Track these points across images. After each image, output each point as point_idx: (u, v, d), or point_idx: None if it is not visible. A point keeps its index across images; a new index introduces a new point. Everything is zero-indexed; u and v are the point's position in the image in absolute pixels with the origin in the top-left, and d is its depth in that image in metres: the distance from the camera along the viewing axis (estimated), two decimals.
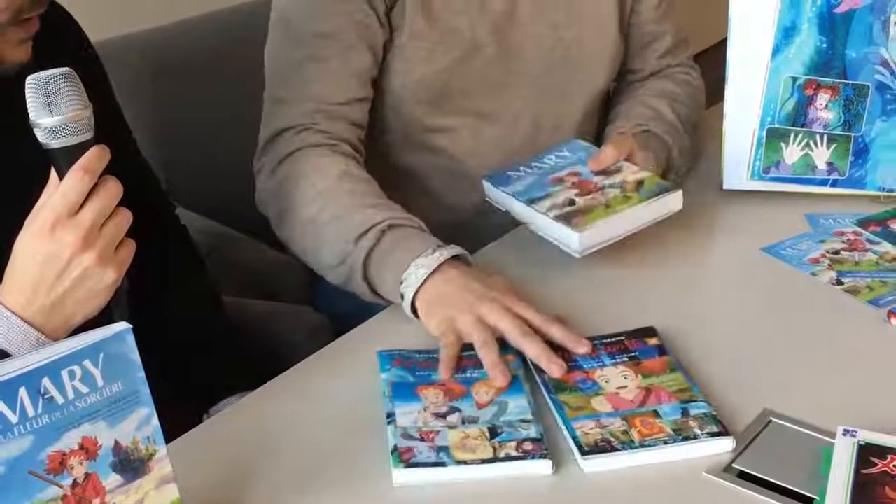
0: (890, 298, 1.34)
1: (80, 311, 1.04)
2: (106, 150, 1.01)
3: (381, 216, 1.35)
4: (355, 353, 1.28)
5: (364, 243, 1.33)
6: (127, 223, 1.03)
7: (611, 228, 1.36)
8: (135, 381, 0.92)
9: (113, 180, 1.02)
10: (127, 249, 1.03)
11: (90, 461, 0.90)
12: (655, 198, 1.38)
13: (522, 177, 1.47)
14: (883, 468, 1.04)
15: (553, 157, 1.50)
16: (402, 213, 1.38)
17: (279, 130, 1.48)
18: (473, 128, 1.58)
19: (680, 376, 1.18)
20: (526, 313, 1.24)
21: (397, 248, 1.32)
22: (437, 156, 1.58)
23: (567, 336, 1.23)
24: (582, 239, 1.34)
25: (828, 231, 1.50)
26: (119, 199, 1.02)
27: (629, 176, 1.43)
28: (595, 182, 1.42)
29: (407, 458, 1.07)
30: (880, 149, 1.54)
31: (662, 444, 1.09)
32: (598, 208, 1.37)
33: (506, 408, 1.14)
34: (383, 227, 1.34)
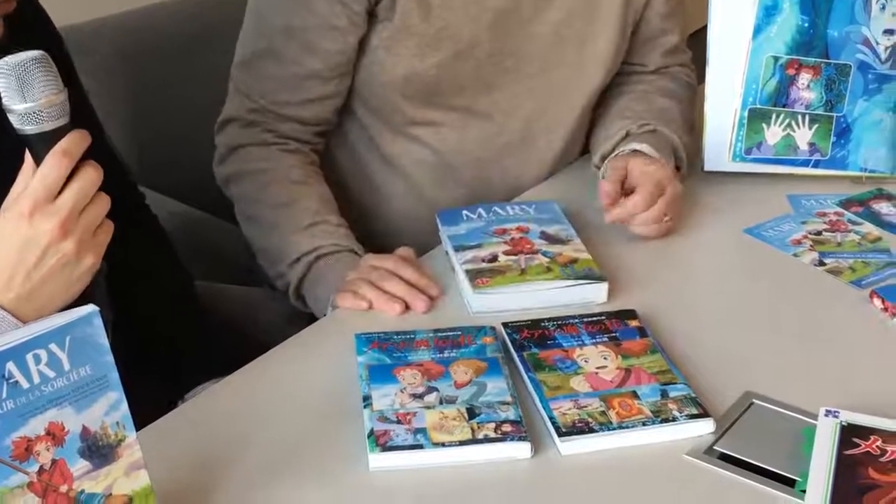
0: (872, 279, 1.33)
1: (58, 298, 1.01)
2: (85, 135, 0.99)
3: (310, 245, 1.41)
4: (332, 337, 1.26)
5: (295, 273, 1.41)
6: (106, 208, 1.00)
7: (512, 299, 1.28)
8: (103, 366, 0.90)
9: (92, 164, 0.99)
10: (105, 233, 1.01)
11: (57, 447, 0.87)
12: (575, 282, 1.29)
13: (472, 220, 1.43)
14: (866, 449, 1.03)
15: (517, 208, 1.45)
16: (331, 233, 1.42)
17: (230, 118, 1.52)
18: (460, 124, 1.54)
19: (660, 358, 1.17)
20: (386, 265, 1.33)
21: (321, 282, 1.39)
22: (421, 148, 1.55)
23: (418, 279, 1.31)
24: (475, 301, 1.28)
25: (810, 212, 1.49)
26: (98, 185, 0.99)
27: (568, 251, 1.34)
28: (534, 244, 1.36)
29: (383, 441, 1.05)
30: (862, 129, 1.53)
31: (641, 425, 1.07)
32: (511, 274, 1.30)
33: (484, 388, 1.13)
34: (310, 259, 1.40)
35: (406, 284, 1.31)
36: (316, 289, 1.40)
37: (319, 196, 1.48)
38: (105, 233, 1.02)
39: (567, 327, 1.22)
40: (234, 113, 1.52)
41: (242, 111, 1.51)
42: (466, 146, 1.55)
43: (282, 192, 1.46)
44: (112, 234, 1.04)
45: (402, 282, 1.31)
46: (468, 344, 1.20)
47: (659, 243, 1.43)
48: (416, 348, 1.19)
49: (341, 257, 1.40)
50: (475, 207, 1.45)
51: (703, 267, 1.41)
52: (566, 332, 1.22)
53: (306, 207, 1.45)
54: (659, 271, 1.38)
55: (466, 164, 1.56)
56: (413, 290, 1.30)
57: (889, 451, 1.02)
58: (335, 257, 1.41)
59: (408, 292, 1.30)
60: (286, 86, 1.48)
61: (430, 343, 1.20)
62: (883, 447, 1.03)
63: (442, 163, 1.56)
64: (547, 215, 1.43)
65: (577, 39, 1.54)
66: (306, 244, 1.41)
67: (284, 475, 1.04)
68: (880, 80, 1.52)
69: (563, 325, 1.23)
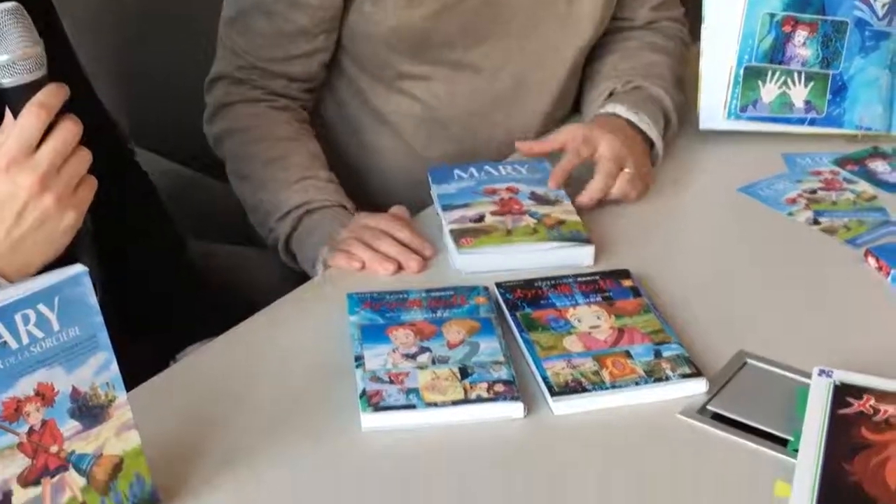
0: (867, 238, 1.33)
1: (39, 255, 1.00)
2: (63, 87, 0.98)
3: (299, 199, 1.40)
4: (325, 297, 1.25)
5: (284, 227, 1.41)
6: (86, 163, 0.99)
7: (497, 259, 1.27)
8: (92, 326, 0.89)
9: (71, 118, 0.98)
10: (87, 189, 1.00)
11: (47, 407, 0.87)
12: (561, 244, 1.28)
13: (463, 179, 1.41)
14: (859, 408, 1.02)
15: (509, 167, 1.44)
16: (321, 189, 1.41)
17: (219, 76, 1.52)
18: (449, 78, 1.52)
19: (653, 318, 1.16)
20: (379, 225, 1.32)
21: (310, 236, 1.39)
22: (411, 103, 1.54)
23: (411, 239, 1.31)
24: (459, 260, 1.28)
25: (805, 171, 1.48)
26: (78, 139, 0.98)
27: (556, 212, 1.33)
28: (522, 205, 1.35)
29: (375, 401, 1.05)
30: (858, 87, 1.52)
31: (634, 385, 1.07)
32: (497, 234, 1.29)
33: (477, 349, 1.12)
34: (300, 213, 1.40)
35: (399, 244, 1.30)
36: (305, 243, 1.40)
37: (309, 152, 1.48)
38: (87, 188, 1.00)
39: (560, 287, 1.22)
40: (222, 71, 1.51)
41: (231, 69, 1.50)
42: (456, 100, 1.54)
43: (271, 148, 1.46)
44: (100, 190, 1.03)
45: (395, 242, 1.30)
46: (461, 304, 1.19)
47: (653, 203, 1.42)
48: (408, 308, 1.19)
49: (330, 212, 1.40)
50: (467, 166, 1.43)
51: (697, 226, 1.40)
52: (559, 291, 1.21)
53: (296, 163, 1.45)
54: (653, 231, 1.37)
55: (457, 118, 1.55)
56: (406, 251, 1.30)
57: (882, 410, 1.02)
58: (324, 212, 1.40)
59: (401, 252, 1.29)
60: (273, 42, 1.47)
61: (422, 303, 1.19)
62: (876, 406, 1.02)
63: (432, 117, 1.55)
64: (539, 175, 1.41)
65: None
66: (295, 199, 1.41)
67: (276, 435, 1.03)
68: (877, 37, 1.50)
69: (557, 285, 1.22)
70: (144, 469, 0.93)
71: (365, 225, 1.33)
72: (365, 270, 1.28)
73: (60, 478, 0.88)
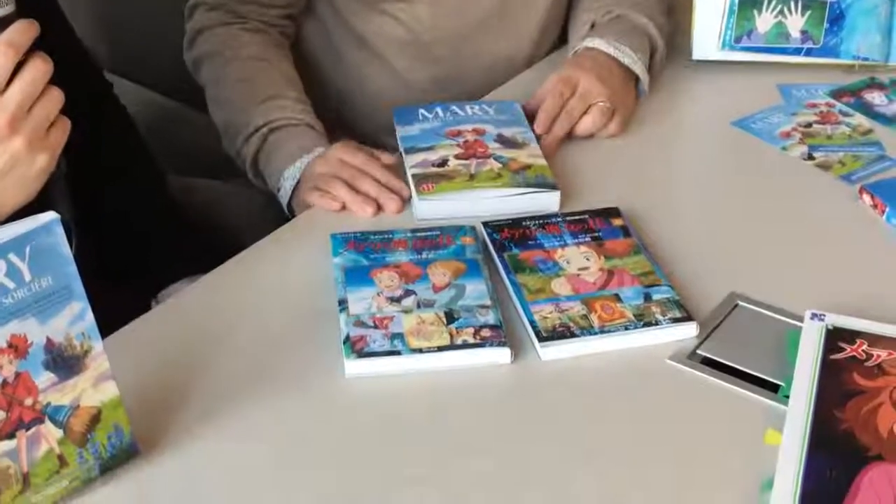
0: (862, 174, 1.30)
1: (11, 199, 0.97)
2: (33, 24, 0.93)
3: (263, 119, 1.38)
4: (308, 236, 1.22)
5: (250, 148, 1.38)
6: (58, 104, 0.95)
7: (458, 206, 1.23)
8: (66, 275, 0.86)
9: (41, 56, 0.94)
10: (59, 131, 0.96)
11: (20, 360, 0.85)
12: (525, 190, 1.24)
13: (427, 119, 1.36)
14: (851, 353, 1.01)
15: (477, 107, 1.39)
16: (285, 107, 1.39)
17: (196, 2, 1.50)
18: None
19: (643, 259, 1.14)
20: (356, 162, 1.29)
21: (274, 155, 1.36)
22: (395, 25, 1.50)
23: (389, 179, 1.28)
24: (419, 207, 1.24)
25: (800, 103, 1.45)
26: (48, 78, 0.94)
27: (522, 156, 1.29)
28: (488, 148, 1.30)
29: (359, 347, 1.03)
30: (857, 15, 1.48)
31: (623, 329, 1.05)
32: (460, 179, 1.25)
33: (463, 291, 1.10)
34: (264, 132, 1.37)
35: (378, 184, 1.27)
36: (270, 162, 1.37)
37: (280, 72, 1.45)
38: (60, 130, 0.97)
39: (549, 226, 1.19)
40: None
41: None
42: (439, 22, 1.50)
43: (241, 69, 1.44)
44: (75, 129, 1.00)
45: (374, 181, 1.27)
46: (447, 244, 1.17)
47: (645, 136, 1.39)
48: (393, 249, 1.16)
49: (295, 130, 1.37)
50: (433, 106, 1.39)
51: (689, 162, 1.37)
52: (548, 231, 1.19)
53: (264, 83, 1.42)
54: (644, 165, 1.34)
55: (441, 40, 1.51)
56: (385, 190, 1.26)
57: (875, 355, 1.00)
58: (288, 130, 1.37)
59: (380, 192, 1.26)
60: None
61: (408, 243, 1.17)
62: (868, 351, 1.01)
63: (415, 40, 1.51)
64: (506, 116, 1.37)
65: None
66: (260, 118, 1.38)
67: (259, 382, 1.02)
68: None
69: (545, 224, 1.20)
70: (123, 420, 0.91)
71: (341, 160, 1.30)
72: (345, 211, 1.25)
73: (36, 430, 0.86)
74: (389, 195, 1.26)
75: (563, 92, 1.36)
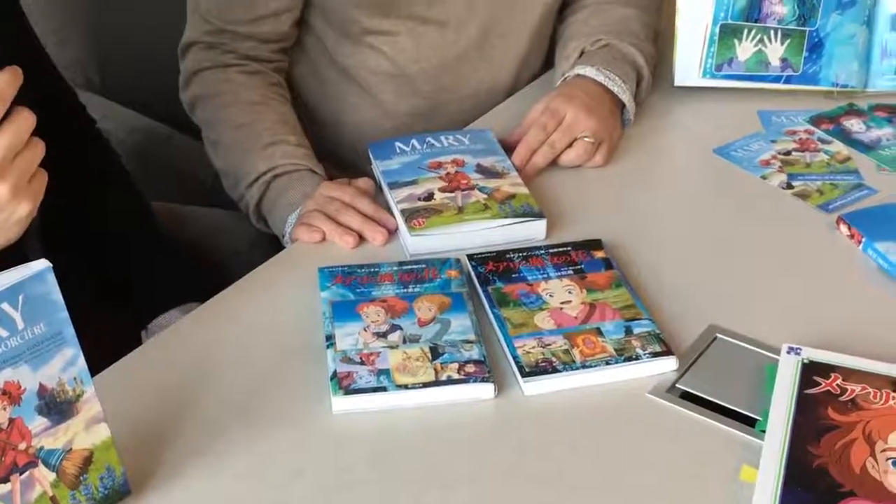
0: (839, 203, 1.33)
1: None
2: (17, 74, 0.95)
3: (266, 165, 1.39)
4: (296, 269, 1.24)
5: (253, 193, 1.40)
6: (40, 154, 0.97)
7: (450, 240, 1.25)
8: (58, 322, 0.88)
9: (26, 110, 0.96)
10: (39, 181, 0.99)
11: (14, 406, 0.87)
12: (514, 220, 1.26)
13: (405, 152, 1.39)
14: (826, 387, 1.03)
15: (451, 138, 1.41)
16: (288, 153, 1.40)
17: (190, 42, 1.50)
18: (415, 33, 1.50)
19: (625, 292, 1.16)
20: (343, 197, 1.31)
21: (279, 201, 1.38)
22: (378, 59, 1.52)
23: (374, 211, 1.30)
24: (413, 242, 1.25)
25: (779, 130, 1.48)
26: (32, 129, 0.96)
27: (505, 185, 1.31)
28: (470, 179, 1.33)
29: (346, 384, 1.05)
30: (835, 43, 1.50)
31: (604, 364, 1.07)
32: (448, 213, 1.27)
33: (448, 326, 1.12)
34: (268, 178, 1.39)
35: (362, 217, 1.29)
36: (274, 209, 1.39)
37: (279, 116, 1.46)
38: (40, 181, 0.99)
39: (532, 259, 1.22)
40: (193, 37, 1.50)
41: (200, 34, 1.48)
42: (423, 54, 1.52)
43: (240, 114, 1.45)
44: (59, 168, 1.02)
45: (358, 214, 1.29)
46: (433, 278, 1.19)
47: (627, 164, 1.41)
48: (379, 283, 1.18)
49: (297, 176, 1.39)
50: (408, 138, 1.41)
51: (672, 190, 1.39)
52: (531, 264, 1.21)
53: (264, 128, 1.43)
54: (627, 194, 1.36)
55: (424, 72, 1.54)
56: (370, 222, 1.29)
57: (849, 389, 1.03)
58: (291, 176, 1.39)
59: (364, 224, 1.28)
60: (240, 3, 1.46)
61: (394, 277, 1.19)
62: (843, 385, 1.03)
63: (399, 73, 1.53)
64: (481, 145, 1.40)
65: None
66: (263, 164, 1.40)
67: (247, 418, 1.04)
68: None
69: (529, 257, 1.22)
70: (115, 461, 0.94)
71: (329, 196, 1.32)
72: (328, 242, 1.27)
73: (29, 474, 0.88)
74: (374, 227, 1.28)
75: (546, 124, 1.38)
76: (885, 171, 1.39)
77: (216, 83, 1.47)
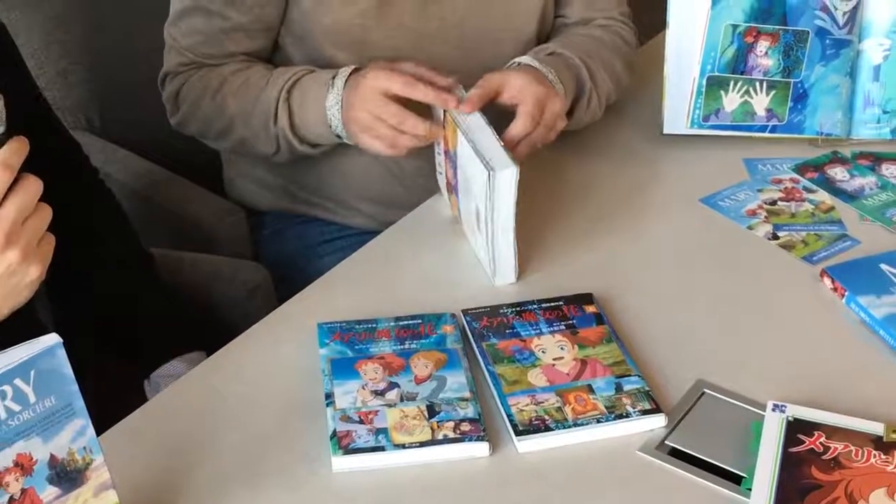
0: (823, 255, 1.36)
1: (4, 306, 1.02)
2: (24, 143, 0.98)
3: (275, 91, 1.46)
4: (296, 324, 1.27)
5: (283, 123, 1.46)
6: (48, 219, 1.01)
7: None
8: (68, 394, 0.92)
9: (33, 177, 0.99)
10: (48, 244, 1.02)
11: (26, 476, 0.90)
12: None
13: None
14: (810, 445, 1.07)
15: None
16: (285, 71, 1.47)
17: (166, 73, 1.57)
18: None
19: (615, 348, 1.20)
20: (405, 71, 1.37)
21: (307, 107, 1.44)
22: None
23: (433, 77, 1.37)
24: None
25: (765, 178, 1.51)
26: (39, 195, 1.00)
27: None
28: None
29: (346, 443, 1.08)
30: (819, 93, 1.54)
31: (595, 422, 1.11)
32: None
33: (444, 384, 1.16)
34: (285, 95, 1.45)
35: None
36: (307, 115, 1.44)
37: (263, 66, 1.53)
38: (49, 245, 1.02)
39: (525, 314, 1.25)
40: (168, 68, 1.56)
41: (175, 65, 1.55)
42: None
43: (233, 83, 1.50)
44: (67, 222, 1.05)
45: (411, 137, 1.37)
46: (428, 334, 1.22)
47: (616, 214, 1.45)
48: (377, 339, 1.22)
49: (308, 76, 1.45)
50: None
51: (659, 241, 1.41)
52: (524, 319, 1.24)
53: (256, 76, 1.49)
54: (615, 246, 1.39)
55: None
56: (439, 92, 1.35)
57: (832, 447, 1.06)
58: (302, 80, 1.45)
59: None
60: (211, 39, 1.52)
61: (391, 333, 1.22)
62: (826, 444, 1.07)
63: None
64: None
65: None
66: (272, 93, 1.46)
67: (249, 478, 1.07)
68: (837, 46, 1.52)
69: (522, 312, 1.25)
70: None
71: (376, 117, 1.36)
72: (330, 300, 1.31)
73: None
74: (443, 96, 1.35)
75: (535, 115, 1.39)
76: (867, 222, 1.42)
77: (200, 80, 1.53)
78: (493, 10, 1.54)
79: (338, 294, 1.32)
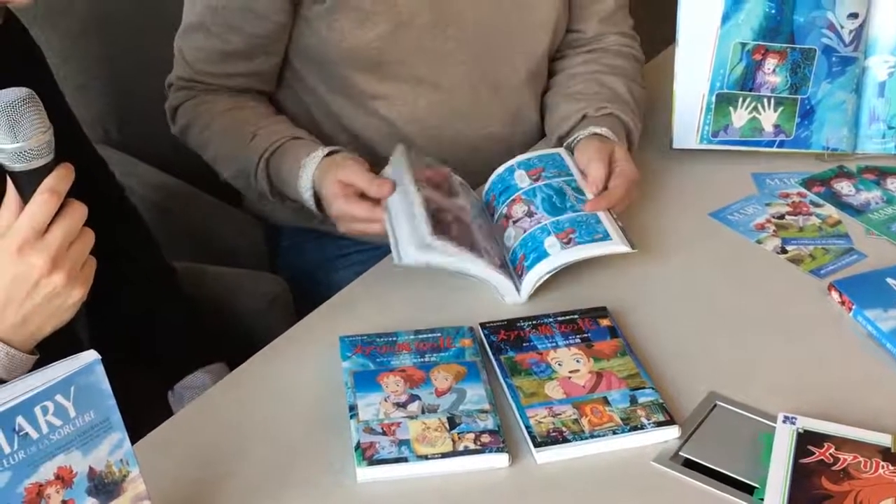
0: (830, 268, 1.40)
1: (47, 326, 1.06)
2: (70, 170, 1.02)
3: (254, 154, 1.50)
4: (318, 336, 1.31)
5: (262, 182, 1.51)
6: (91, 243, 1.05)
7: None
8: (106, 409, 0.95)
9: (79, 203, 1.03)
10: (90, 267, 1.06)
11: (66, 489, 0.93)
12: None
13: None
14: (820, 457, 1.10)
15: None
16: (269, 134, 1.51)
17: (171, 81, 1.62)
18: (411, 95, 1.57)
19: (629, 361, 1.23)
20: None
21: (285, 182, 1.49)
22: (378, 121, 1.59)
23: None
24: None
25: (773, 193, 1.55)
26: (83, 221, 1.03)
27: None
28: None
29: (370, 454, 1.12)
30: (825, 110, 1.58)
31: (611, 433, 1.14)
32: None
33: (464, 396, 1.19)
34: (266, 159, 1.50)
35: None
36: (285, 186, 1.49)
37: (253, 111, 1.57)
38: (90, 266, 1.06)
39: (541, 328, 1.28)
40: (172, 78, 1.62)
41: (177, 77, 1.61)
42: (418, 115, 1.59)
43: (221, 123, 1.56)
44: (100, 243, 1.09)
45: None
46: (447, 347, 1.26)
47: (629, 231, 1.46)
48: (398, 352, 1.25)
49: (287, 145, 1.49)
50: None
51: (669, 255, 1.44)
52: (540, 332, 1.28)
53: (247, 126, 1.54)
54: (628, 260, 1.42)
55: (419, 131, 1.60)
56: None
57: (841, 458, 1.10)
58: (280, 149, 1.49)
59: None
60: (212, 58, 1.57)
61: (411, 346, 1.26)
62: (836, 455, 1.10)
63: (397, 133, 1.59)
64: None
65: (516, 4, 1.58)
66: (252, 156, 1.51)
67: (277, 490, 1.10)
68: (843, 63, 1.56)
69: (538, 325, 1.29)
70: None
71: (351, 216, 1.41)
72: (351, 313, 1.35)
73: None
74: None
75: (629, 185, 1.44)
76: (873, 236, 1.46)
77: (193, 108, 1.58)
78: (507, 28, 1.58)
79: (357, 307, 1.36)
